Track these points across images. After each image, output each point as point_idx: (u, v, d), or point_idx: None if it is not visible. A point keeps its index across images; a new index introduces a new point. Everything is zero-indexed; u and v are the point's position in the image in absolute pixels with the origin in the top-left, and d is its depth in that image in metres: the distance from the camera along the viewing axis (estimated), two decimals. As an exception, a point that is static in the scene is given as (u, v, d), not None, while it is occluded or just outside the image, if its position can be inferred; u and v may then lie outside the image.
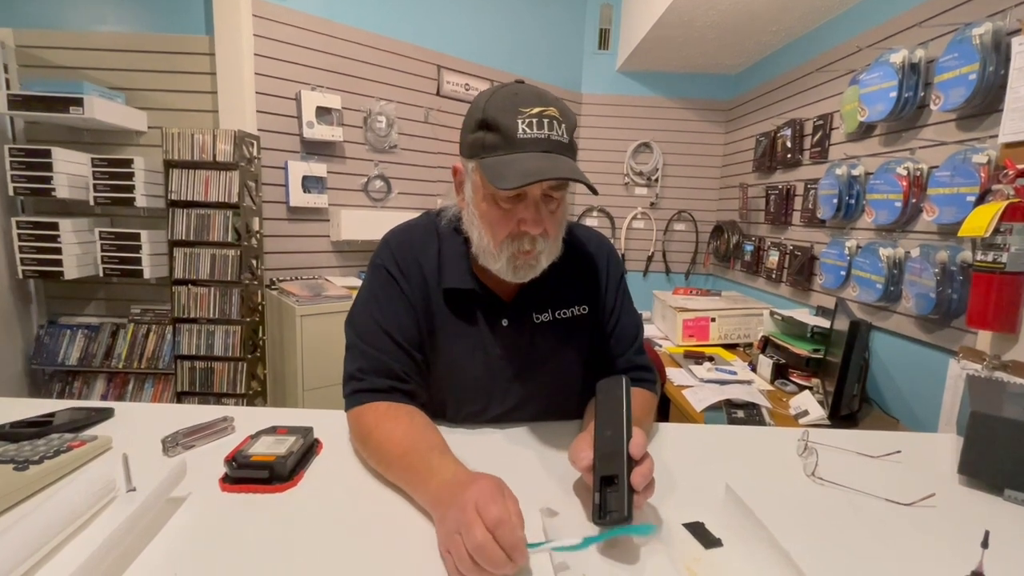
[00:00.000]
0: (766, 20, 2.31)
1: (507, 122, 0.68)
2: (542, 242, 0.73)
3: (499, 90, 0.72)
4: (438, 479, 0.59)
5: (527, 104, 0.68)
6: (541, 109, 0.68)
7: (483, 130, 0.70)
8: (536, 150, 0.67)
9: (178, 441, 0.73)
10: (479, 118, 0.71)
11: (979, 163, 1.33)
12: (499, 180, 0.66)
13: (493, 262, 0.75)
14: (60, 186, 1.95)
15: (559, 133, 0.69)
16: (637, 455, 0.58)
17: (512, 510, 0.50)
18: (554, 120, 0.69)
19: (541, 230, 0.72)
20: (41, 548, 0.49)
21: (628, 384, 0.65)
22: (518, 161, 0.67)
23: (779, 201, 2.42)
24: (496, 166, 0.68)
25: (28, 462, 0.63)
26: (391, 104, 2.54)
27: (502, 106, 0.69)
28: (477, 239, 0.76)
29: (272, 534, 0.56)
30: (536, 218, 0.71)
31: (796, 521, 0.62)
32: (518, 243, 0.73)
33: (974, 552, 0.53)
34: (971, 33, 1.35)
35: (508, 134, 0.68)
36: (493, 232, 0.73)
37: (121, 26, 2.19)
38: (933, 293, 1.44)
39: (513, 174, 0.65)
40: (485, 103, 0.70)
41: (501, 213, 0.72)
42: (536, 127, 0.67)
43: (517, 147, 0.67)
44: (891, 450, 0.82)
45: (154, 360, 2.19)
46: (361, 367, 0.77)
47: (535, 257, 0.74)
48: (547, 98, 0.70)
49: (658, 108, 3.22)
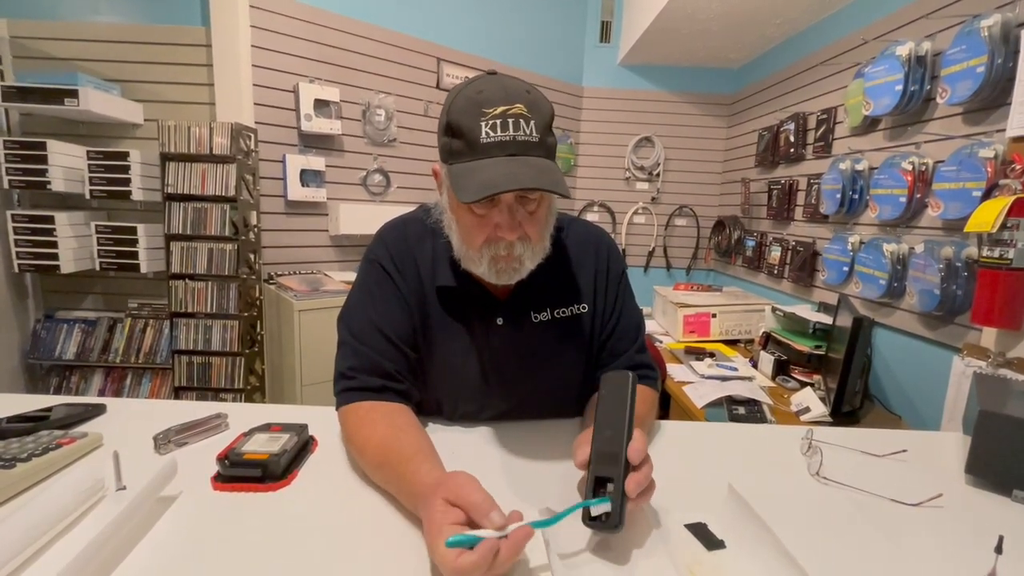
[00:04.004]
0: (769, 13, 2.28)
1: (470, 126, 0.64)
2: (520, 246, 0.71)
3: (464, 88, 0.68)
4: (407, 491, 0.58)
5: (491, 103, 0.64)
6: (505, 108, 0.64)
7: (449, 135, 0.68)
8: (501, 154, 0.64)
9: (170, 438, 0.72)
10: (445, 122, 0.68)
11: (986, 157, 1.31)
12: (461, 192, 0.63)
13: (475, 266, 0.73)
14: (56, 179, 1.93)
15: (527, 132, 0.65)
16: (635, 460, 0.56)
17: (450, 529, 0.47)
18: (520, 119, 0.64)
19: (517, 235, 0.69)
20: (27, 548, 0.48)
21: (635, 382, 0.62)
22: (481, 169, 0.63)
23: (781, 196, 2.41)
24: (461, 175, 0.65)
25: (15, 459, 0.62)
26: (390, 97, 2.52)
27: (465, 108, 0.65)
28: (457, 244, 0.74)
29: (265, 534, 0.55)
30: (511, 223, 0.68)
31: (801, 522, 0.61)
32: (495, 248, 0.70)
33: (984, 554, 0.52)
34: (979, 25, 1.33)
35: (471, 139, 0.64)
36: (470, 238, 0.71)
37: (117, 17, 2.16)
38: (937, 289, 1.42)
39: (475, 185, 0.62)
40: (450, 105, 0.67)
41: (476, 219, 0.69)
42: (500, 129, 0.64)
43: (481, 153, 0.64)
44: (896, 449, 0.81)
45: (151, 355, 2.18)
46: (353, 365, 0.75)
47: (516, 260, 0.72)
48: (513, 93, 0.66)
49: (660, 102, 3.19)
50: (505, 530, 0.46)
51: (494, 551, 0.45)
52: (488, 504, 0.48)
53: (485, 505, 0.48)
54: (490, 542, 0.45)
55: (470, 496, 0.49)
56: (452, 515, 0.48)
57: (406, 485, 0.58)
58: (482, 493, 0.49)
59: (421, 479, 0.56)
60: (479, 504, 0.48)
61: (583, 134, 3.23)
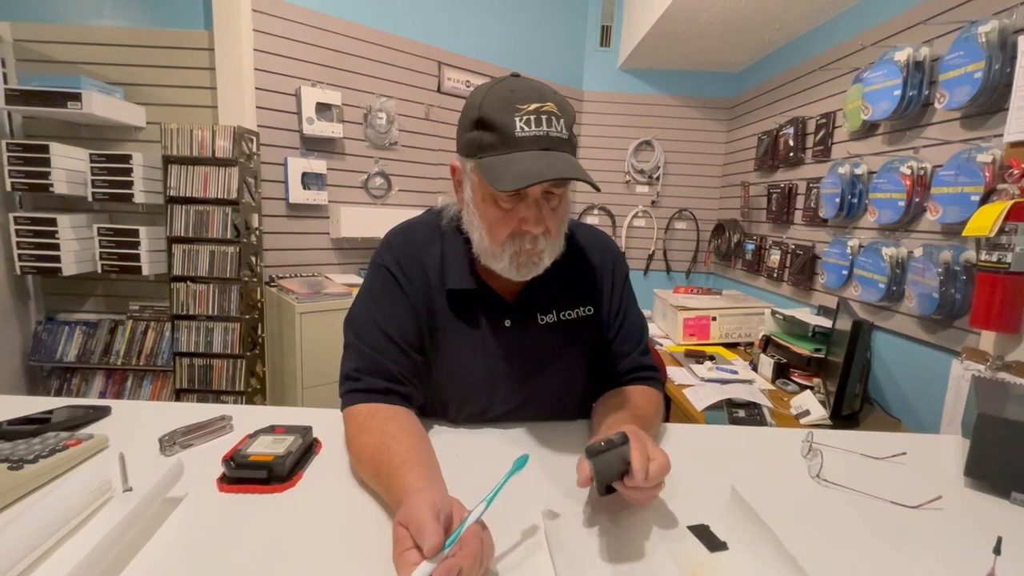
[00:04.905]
0: (769, 17, 2.30)
1: (504, 120, 0.66)
2: (544, 240, 0.72)
3: (495, 86, 0.70)
4: (394, 502, 0.57)
5: (524, 100, 0.67)
6: (538, 105, 0.67)
7: (479, 129, 0.69)
8: (535, 148, 0.66)
9: (175, 440, 0.72)
10: (475, 116, 0.69)
11: (984, 162, 1.32)
12: (497, 182, 0.65)
13: (495, 262, 0.74)
14: (58, 182, 1.93)
15: (558, 129, 0.67)
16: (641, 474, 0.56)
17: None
18: (552, 116, 0.67)
19: (543, 229, 0.71)
20: (36, 548, 0.49)
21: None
22: (516, 161, 0.65)
23: (781, 200, 2.42)
24: (494, 167, 0.66)
25: (23, 461, 0.62)
26: (391, 100, 2.53)
27: (498, 104, 0.67)
28: (478, 239, 0.75)
29: (270, 535, 0.55)
30: (537, 217, 0.70)
31: (802, 524, 0.61)
32: (519, 242, 0.72)
33: (983, 556, 0.52)
34: (977, 31, 1.34)
35: (505, 133, 0.66)
36: (494, 232, 0.72)
37: (120, 20, 2.17)
38: (936, 293, 1.43)
39: (511, 175, 0.64)
40: (481, 100, 0.69)
41: (501, 213, 0.71)
42: (534, 124, 0.66)
43: (515, 146, 0.66)
44: (896, 451, 0.82)
45: (153, 357, 2.18)
46: (358, 367, 0.75)
47: (537, 255, 0.73)
48: (545, 93, 0.69)
49: (660, 106, 3.21)
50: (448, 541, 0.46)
51: (454, 572, 0.43)
52: (424, 528, 0.46)
53: (422, 529, 0.46)
54: (444, 567, 0.44)
55: (412, 521, 0.47)
56: (406, 541, 0.47)
57: (392, 496, 0.58)
58: (421, 516, 0.47)
59: (406, 490, 0.55)
60: (417, 529, 0.46)
61: (583, 138, 3.24)
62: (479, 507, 0.49)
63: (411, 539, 0.47)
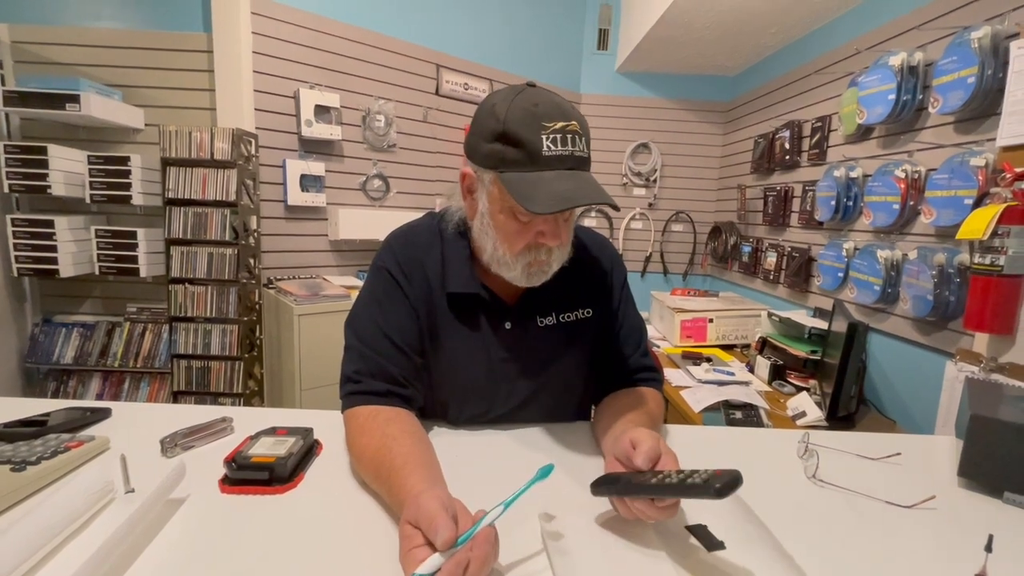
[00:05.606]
0: (765, 22, 2.31)
1: (531, 138, 0.66)
2: (557, 251, 0.74)
3: (516, 99, 0.68)
4: (396, 503, 0.58)
5: (550, 118, 0.66)
6: (564, 124, 0.67)
7: (503, 143, 0.68)
8: (561, 168, 0.67)
9: (177, 442, 0.73)
10: (499, 130, 0.67)
11: (977, 166, 1.34)
12: (528, 202, 0.64)
13: (508, 271, 0.75)
14: (56, 183, 1.93)
15: (580, 148, 0.68)
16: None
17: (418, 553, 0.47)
18: (576, 135, 0.67)
19: (559, 242, 0.73)
20: (39, 550, 0.49)
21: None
22: (545, 181, 0.66)
23: (777, 202, 2.43)
24: (521, 185, 0.66)
25: (25, 463, 0.62)
26: (390, 103, 2.54)
27: (523, 119, 0.67)
28: (492, 249, 0.75)
29: (272, 536, 0.56)
30: (555, 231, 0.72)
31: (798, 524, 0.62)
32: (535, 253, 0.73)
33: (975, 554, 0.53)
34: (970, 36, 1.36)
35: (532, 151, 0.66)
36: (511, 243, 0.73)
37: (118, 22, 2.17)
38: (930, 295, 1.44)
39: (544, 196, 0.64)
40: (505, 114, 0.67)
41: (520, 226, 0.72)
42: (560, 144, 0.66)
43: (542, 165, 0.66)
44: (891, 452, 0.83)
45: (150, 359, 2.17)
46: (359, 369, 0.76)
47: (548, 264, 0.75)
48: (567, 110, 0.69)
49: (657, 109, 3.22)
50: (460, 538, 0.46)
51: (462, 567, 0.44)
52: (437, 522, 0.46)
53: (435, 524, 0.46)
54: (454, 560, 0.44)
55: (423, 517, 0.48)
56: (415, 539, 0.48)
57: (394, 497, 0.58)
58: (432, 511, 0.48)
59: (408, 492, 0.55)
60: (429, 523, 0.47)
61: (581, 140, 3.25)
62: (496, 509, 0.49)
63: (419, 537, 0.48)
